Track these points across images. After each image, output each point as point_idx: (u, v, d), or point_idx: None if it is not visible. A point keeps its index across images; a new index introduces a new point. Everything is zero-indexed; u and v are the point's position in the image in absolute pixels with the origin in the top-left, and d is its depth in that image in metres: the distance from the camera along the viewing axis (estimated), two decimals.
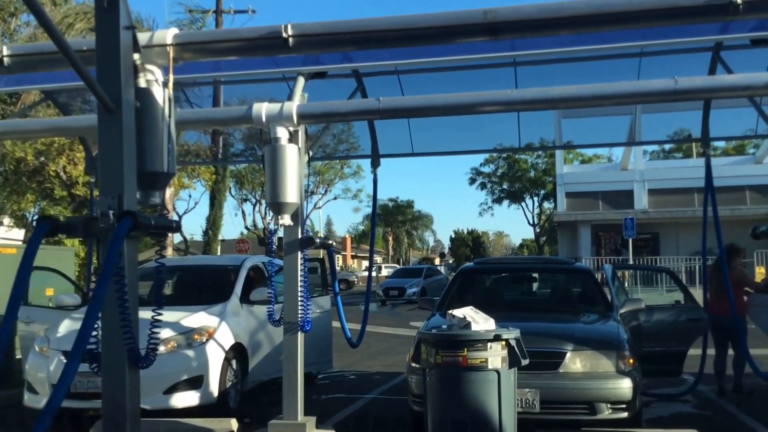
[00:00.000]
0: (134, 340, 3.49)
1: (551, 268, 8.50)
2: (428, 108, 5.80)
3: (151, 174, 3.81)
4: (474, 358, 4.68)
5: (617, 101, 5.48)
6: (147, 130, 3.80)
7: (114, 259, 3.05)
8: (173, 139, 3.91)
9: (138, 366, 3.59)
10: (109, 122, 3.46)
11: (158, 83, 3.95)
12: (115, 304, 3.39)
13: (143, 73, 3.89)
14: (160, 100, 3.88)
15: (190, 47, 4.08)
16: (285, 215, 5.86)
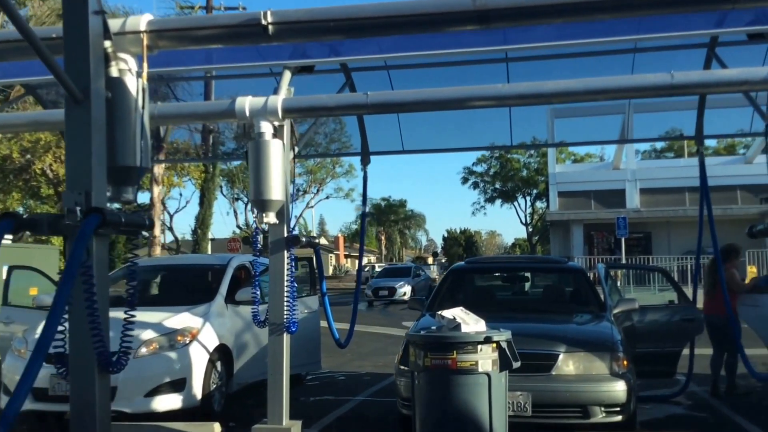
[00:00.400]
0: (104, 344, 3.30)
1: (543, 267, 8.34)
2: (418, 102, 5.62)
3: (123, 169, 3.62)
4: (463, 360, 4.51)
5: (612, 96, 5.33)
6: (118, 122, 3.61)
7: (79, 257, 2.86)
8: (147, 132, 3.71)
9: (108, 371, 3.39)
10: (76, 113, 3.27)
11: (131, 73, 3.76)
12: (83, 305, 3.19)
13: (115, 61, 3.70)
14: (133, 90, 3.69)
15: (166, 35, 3.89)
16: (269, 213, 5.68)
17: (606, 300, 7.06)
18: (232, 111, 5.74)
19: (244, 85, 8.48)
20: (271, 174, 5.61)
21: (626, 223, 25.88)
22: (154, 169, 20.49)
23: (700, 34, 6.27)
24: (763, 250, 26.47)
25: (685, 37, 6.31)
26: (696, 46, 7.33)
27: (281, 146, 5.70)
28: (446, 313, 4.84)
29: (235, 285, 8.05)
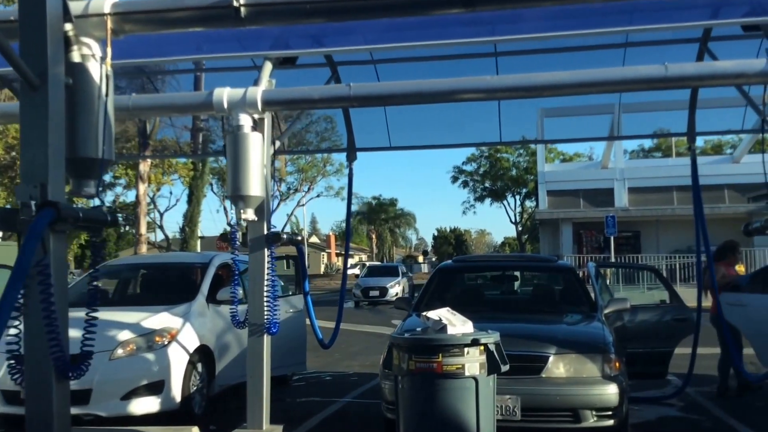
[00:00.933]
0: (62, 348, 3.07)
1: (533, 266, 8.14)
2: (403, 95, 5.41)
3: (84, 160, 3.38)
4: (449, 364, 4.29)
5: (604, 89, 5.12)
6: (80, 111, 3.38)
7: (29, 255, 2.63)
8: (111, 122, 3.48)
9: (67, 377, 3.16)
10: (32, 100, 3.04)
11: (95, 58, 3.52)
12: (39, 307, 2.96)
13: (77, 46, 3.47)
14: (97, 77, 3.46)
15: (132, 17, 3.65)
16: (248, 209, 5.46)
17: (597, 300, 6.88)
18: (209, 103, 5.52)
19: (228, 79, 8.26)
20: (250, 169, 5.39)
21: (615, 222, 25.84)
22: (140, 167, 20.22)
23: (694, 26, 6.11)
24: (752, 249, 26.46)
25: (678, 29, 6.14)
26: (688, 41, 7.19)
27: (261, 140, 5.48)
28: (432, 314, 4.63)
29: (217, 284, 7.82)
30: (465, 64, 7.86)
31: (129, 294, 8.50)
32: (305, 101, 5.49)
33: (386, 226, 77.17)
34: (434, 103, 6.10)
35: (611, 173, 33.26)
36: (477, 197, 59.01)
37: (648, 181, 32.73)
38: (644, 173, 34.09)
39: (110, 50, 3.54)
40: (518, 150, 54.62)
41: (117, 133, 16.92)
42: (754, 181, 30.81)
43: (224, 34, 6.80)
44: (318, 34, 6.29)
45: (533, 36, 5.65)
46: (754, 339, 7.76)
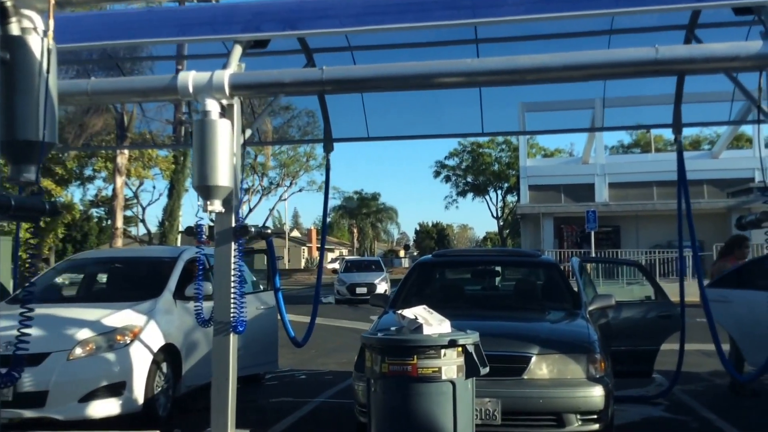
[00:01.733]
0: None
1: (515, 261, 7.86)
2: (380, 79, 5.10)
3: (23, 144, 3.04)
4: (425, 366, 4.01)
5: (591, 73, 4.85)
6: (18, 89, 3.04)
7: None
8: (54, 102, 3.14)
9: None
10: None
11: (37, 32, 3.17)
12: None
13: (17, 18, 3.12)
14: (38, 52, 3.11)
15: None
16: (215, 201, 5.13)
17: (581, 296, 6.62)
18: (174, 87, 5.18)
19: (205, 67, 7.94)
20: (217, 158, 5.06)
21: (596, 217, 25.77)
22: (117, 160, 19.74)
23: (682, 8, 5.85)
24: None
25: (665, 11, 5.89)
26: (675, 27, 6.96)
27: (229, 127, 5.15)
28: (407, 312, 4.33)
29: (187, 279, 7.47)
30: (445, 52, 7.62)
31: (93, 290, 8.13)
32: (275, 85, 5.16)
33: (368, 221, 77.01)
34: (412, 89, 5.79)
35: (592, 168, 33.32)
36: (459, 192, 59.07)
37: (628, 177, 32.85)
38: (624, 168, 34.21)
39: (52, 23, 3.19)
40: (500, 145, 54.66)
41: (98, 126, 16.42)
42: (733, 176, 31.11)
43: (196, 19, 6.48)
44: (291, 18, 5.96)
45: (515, 18, 5.36)
46: (740, 337, 7.57)
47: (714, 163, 32.09)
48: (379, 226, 79.68)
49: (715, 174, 31.25)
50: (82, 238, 47.47)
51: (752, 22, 6.28)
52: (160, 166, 24.89)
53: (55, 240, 32.37)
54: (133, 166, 23.41)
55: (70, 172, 24.45)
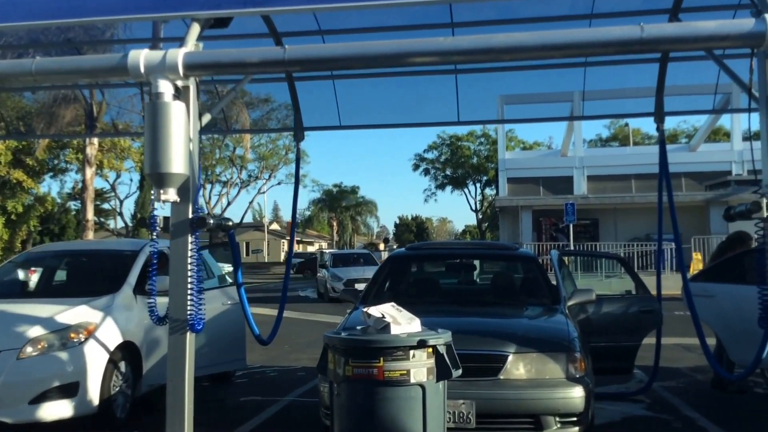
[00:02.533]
0: None
1: (492, 254, 7.55)
2: (348, 58, 4.73)
3: None
4: (392, 369, 3.69)
5: (571, 52, 4.54)
6: None
7: None
8: None
9: None
10: None
11: None
12: None
13: None
14: None
15: None
16: (168, 189, 4.75)
17: (560, 291, 6.34)
18: (123, 66, 4.77)
19: None
20: (170, 143, 4.68)
21: (574, 210, 25.64)
22: (87, 151, 19.20)
23: None
24: (708, 237, 26.56)
25: None
26: (658, 12, 6.74)
27: (184, 110, 4.77)
28: (373, 310, 4.01)
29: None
30: (420, 35, 7.33)
31: (51, 285, 7.70)
32: (234, 65, 4.78)
33: (347, 214, 76.64)
34: (383, 67, 5.46)
35: (570, 161, 33.27)
36: (438, 185, 58.97)
37: (607, 170, 32.88)
38: (603, 161, 34.25)
39: None
40: (479, 138, 54.54)
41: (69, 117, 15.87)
42: (711, 169, 31.21)
43: None
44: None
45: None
46: (723, 333, 7.33)
47: (692, 156, 32.19)
48: (358, 219, 79.35)
49: (693, 167, 31.35)
50: (60, 231, 46.75)
51: (737, 6, 6.03)
52: (133, 157, 24.30)
53: (27, 232, 31.73)
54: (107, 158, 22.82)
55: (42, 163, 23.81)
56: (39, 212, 32.55)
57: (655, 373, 7.01)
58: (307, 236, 77.45)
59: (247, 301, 6.12)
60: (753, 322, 5.17)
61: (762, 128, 4.65)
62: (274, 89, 9.92)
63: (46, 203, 35.21)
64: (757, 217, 4.57)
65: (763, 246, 4.63)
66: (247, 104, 26.73)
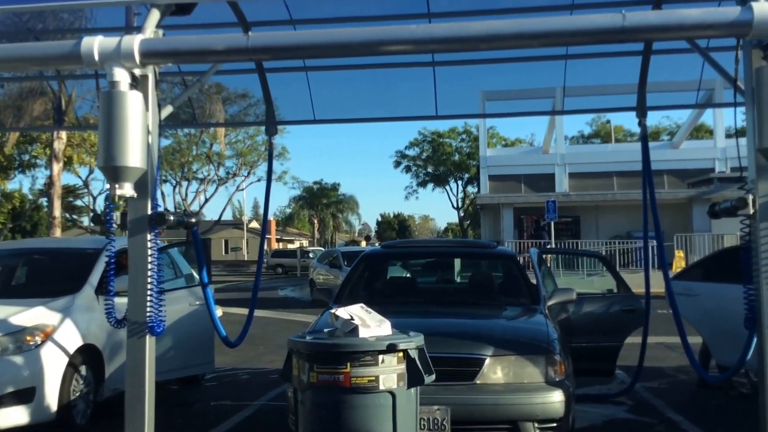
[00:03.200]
0: None
1: (469, 252, 7.31)
2: (316, 46, 4.47)
3: None
4: (360, 376, 3.44)
5: (551, 41, 4.31)
6: None
7: None
8: None
9: None
10: None
11: None
12: None
13: None
14: None
15: None
16: (124, 184, 4.47)
17: (540, 290, 6.13)
18: (77, 54, 4.48)
19: None
20: (126, 134, 4.40)
21: (556, 207, 25.51)
22: (54, 146, 18.73)
23: None
24: (691, 235, 26.57)
25: None
26: (641, 2, 6.53)
27: (141, 100, 4.49)
28: (342, 312, 3.76)
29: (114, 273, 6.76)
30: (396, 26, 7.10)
31: (8, 285, 7.35)
32: (194, 53, 4.50)
33: (328, 211, 76.33)
34: (354, 56, 5.20)
35: (552, 158, 33.18)
36: (419, 182, 58.82)
37: (588, 167, 32.82)
38: (585, 158, 34.19)
39: None
40: (461, 135, 54.44)
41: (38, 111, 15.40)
42: (693, 167, 31.24)
43: None
44: None
45: None
46: (707, 333, 7.17)
47: (674, 154, 32.22)
48: (339, 216, 79.06)
49: (676, 164, 31.37)
50: (32, 228, 45.97)
51: None
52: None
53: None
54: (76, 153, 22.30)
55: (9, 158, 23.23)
56: (7, 209, 31.85)
57: (638, 373, 6.81)
58: (287, 234, 77.05)
59: (213, 301, 5.84)
60: (737, 322, 4.99)
61: (748, 122, 4.45)
62: (252, 85, 9.66)
63: (14, 199, 34.50)
64: (743, 214, 4.38)
65: (749, 244, 4.44)
66: (225, 99, 26.35)
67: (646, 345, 6.80)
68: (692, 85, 8.02)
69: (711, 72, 7.46)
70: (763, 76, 4.05)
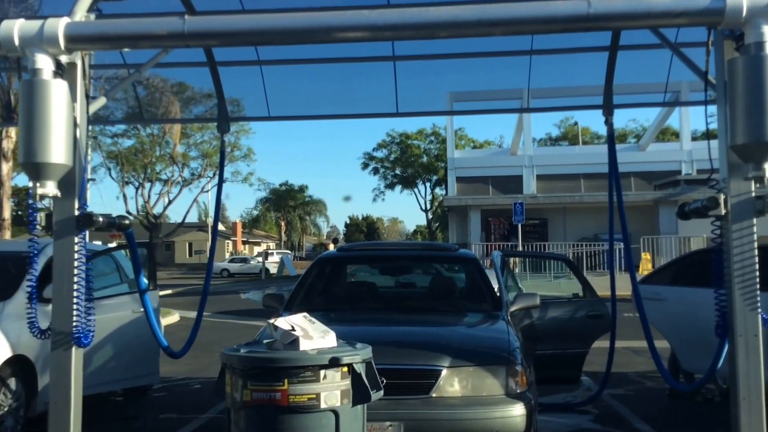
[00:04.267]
0: None
1: (429, 255, 6.98)
2: (261, 32, 4.12)
3: None
4: (298, 393, 3.09)
5: (514, 28, 4.01)
6: None
7: None
8: None
9: None
10: None
11: None
12: None
13: None
14: None
15: None
16: (47, 182, 4.07)
17: (502, 295, 5.83)
18: None
19: None
20: (49, 128, 4.01)
21: (523, 209, 25.40)
22: (2, 144, 18.01)
23: None
24: (658, 237, 26.66)
25: None
26: None
27: (66, 90, 4.09)
28: (281, 322, 3.40)
29: (50, 279, 6.30)
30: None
31: None
32: (125, 38, 4.11)
33: (295, 214, 75.74)
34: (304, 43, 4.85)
35: (520, 160, 33.17)
36: (387, 184, 58.57)
37: (556, 169, 32.89)
38: (552, 160, 34.25)
39: None
40: (429, 137, 54.34)
41: None
42: (659, 169, 31.47)
43: None
44: None
45: None
46: (674, 339, 6.94)
47: (641, 156, 32.43)
48: (307, 219, 78.51)
49: (643, 167, 31.59)
50: None
51: None
52: None
53: None
54: None
55: None
56: None
57: (605, 381, 6.56)
58: (254, 236, 76.18)
59: (152, 308, 5.44)
60: (706, 328, 4.75)
61: (719, 118, 4.20)
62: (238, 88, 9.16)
63: None
64: (715, 214, 4.13)
65: (720, 246, 4.19)
66: (190, 99, 25.72)
67: (614, 351, 6.56)
68: (659, 87, 7.83)
69: (679, 73, 7.30)
70: (735, 68, 3.80)
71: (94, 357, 6.56)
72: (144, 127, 41.28)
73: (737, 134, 3.82)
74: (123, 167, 44.12)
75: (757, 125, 3.70)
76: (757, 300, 3.99)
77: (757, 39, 3.70)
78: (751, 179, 3.93)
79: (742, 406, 4.04)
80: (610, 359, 6.54)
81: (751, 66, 3.71)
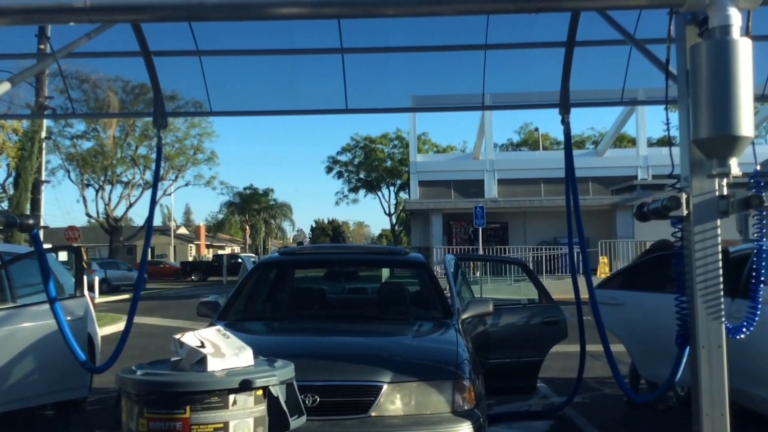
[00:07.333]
0: None
1: (377, 260, 6.57)
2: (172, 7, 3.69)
3: None
4: (202, 422, 2.66)
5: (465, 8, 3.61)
6: None
7: None
8: None
9: None
10: None
11: None
12: None
13: None
14: None
15: None
16: None
17: (453, 302, 5.46)
18: None
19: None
20: None
21: (484, 213, 25.21)
22: None
23: None
24: (615, 241, 26.74)
25: None
26: None
27: None
28: (189, 337, 2.96)
29: None
30: None
31: None
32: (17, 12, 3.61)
33: (260, 217, 74.78)
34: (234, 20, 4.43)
35: (482, 164, 33.11)
36: (351, 188, 58.23)
37: (517, 173, 32.92)
38: (513, 165, 34.35)
39: None
40: (393, 141, 54.13)
41: None
42: (616, 174, 31.70)
43: None
44: None
45: None
46: (632, 345, 6.65)
47: (599, 161, 32.64)
48: (272, 222, 77.59)
49: (600, 172, 31.80)
50: None
51: None
52: (8, 152, 22.04)
53: None
54: None
55: None
56: None
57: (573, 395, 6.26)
58: (218, 240, 75.08)
59: (64, 319, 4.93)
60: (665, 335, 4.44)
61: (681, 112, 3.88)
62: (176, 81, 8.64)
63: None
64: (676, 215, 3.80)
65: (682, 249, 3.88)
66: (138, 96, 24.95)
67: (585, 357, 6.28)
68: (616, 93, 7.60)
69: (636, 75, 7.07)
70: (699, 55, 3.47)
71: (13, 369, 6.03)
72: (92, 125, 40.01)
73: (700, 128, 3.49)
74: (83, 169, 42.93)
75: (721, 117, 3.37)
76: (722, 308, 3.66)
77: (722, 22, 3.38)
78: (715, 177, 3.62)
79: (705, 423, 3.72)
80: (581, 368, 6.24)
81: (715, 52, 3.38)
